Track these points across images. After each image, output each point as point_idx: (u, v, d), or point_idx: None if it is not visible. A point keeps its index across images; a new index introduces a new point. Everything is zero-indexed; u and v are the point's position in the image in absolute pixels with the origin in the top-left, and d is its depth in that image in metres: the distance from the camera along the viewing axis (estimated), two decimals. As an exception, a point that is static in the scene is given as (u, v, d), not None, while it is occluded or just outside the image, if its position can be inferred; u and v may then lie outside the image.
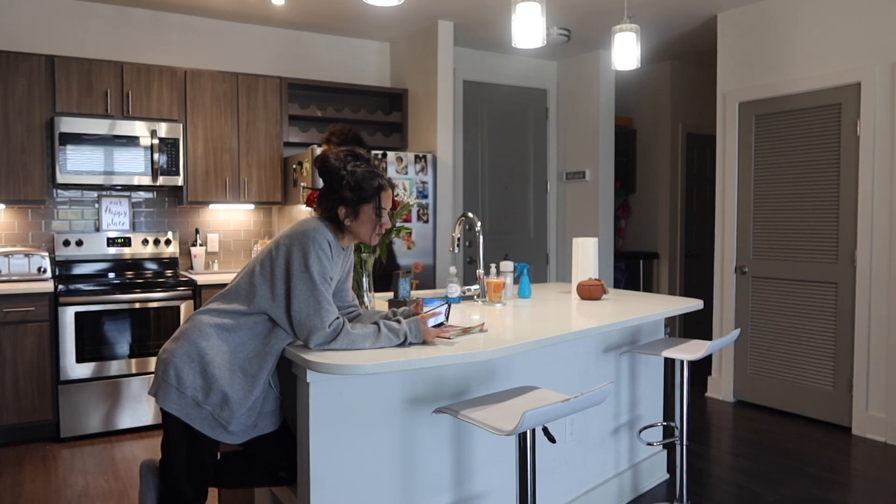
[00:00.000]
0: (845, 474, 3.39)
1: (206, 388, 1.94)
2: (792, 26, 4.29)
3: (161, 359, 2.00)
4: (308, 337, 1.91)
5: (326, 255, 1.96)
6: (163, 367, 1.97)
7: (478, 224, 3.22)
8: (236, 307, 1.98)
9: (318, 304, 1.90)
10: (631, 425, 3.14)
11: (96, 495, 3.13)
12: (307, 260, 1.92)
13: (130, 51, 4.58)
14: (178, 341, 1.98)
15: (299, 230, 1.98)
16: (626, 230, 6.62)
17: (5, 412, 3.74)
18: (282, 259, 1.96)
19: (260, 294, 1.97)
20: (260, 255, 2.03)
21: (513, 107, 5.95)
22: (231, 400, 1.94)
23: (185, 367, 1.94)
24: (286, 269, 1.95)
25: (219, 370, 1.94)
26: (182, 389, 1.94)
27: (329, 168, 2.07)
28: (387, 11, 4.67)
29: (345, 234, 2.10)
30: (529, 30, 2.86)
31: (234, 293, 2.02)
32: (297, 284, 1.92)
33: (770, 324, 4.48)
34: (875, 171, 3.89)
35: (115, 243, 4.44)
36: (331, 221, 2.08)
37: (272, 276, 1.96)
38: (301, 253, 1.93)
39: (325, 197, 2.08)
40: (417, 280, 4.59)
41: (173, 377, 1.94)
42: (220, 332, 1.97)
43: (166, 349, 2.00)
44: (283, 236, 2.00)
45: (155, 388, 1.99)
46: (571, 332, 2.31)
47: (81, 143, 4.04)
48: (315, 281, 1.92)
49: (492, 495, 2.43)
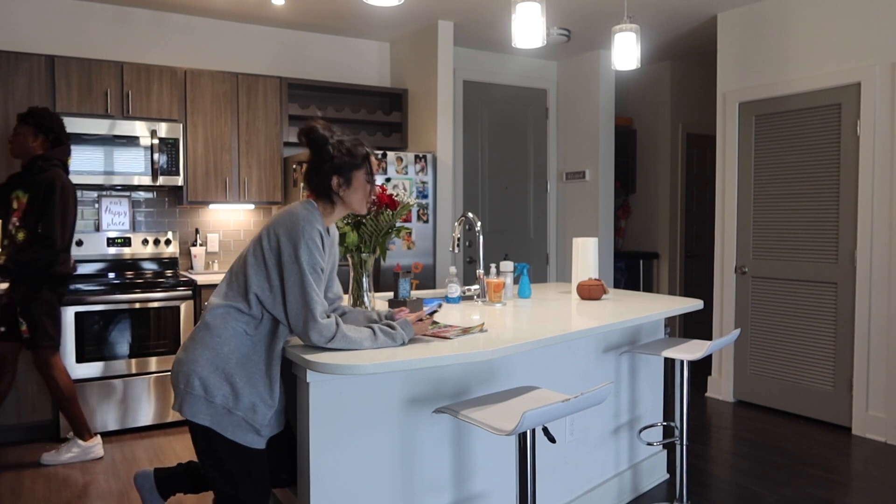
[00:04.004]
0: (845, 474, 3.39)
1: (234, 394, 1.89)
2: (792, 26, 4.29)
3: (181, 371, 1.92)
4: (304, 332, 1.88)
5: (318, 246, 1.92)
6: (185, 379, 1.90)
7: (478, 224, 3.22)
8: (241, 306, 1.93)
9: (310, 298, 1.86)
10: (631, 425, 3.14)
11: (96, 495, 3.13)
12: (297, 251, 1.88)
13: (130, 51, 4.58)
14: (196, 350, 1.92)
15: (289, 221, 1.92)
16: (626, 230, 6.62)
17: (5, 412, 3.74)
18: (272, 251, 1.91)
19: (256, 289, 1.92)
20: (251, 247, 1.97)
21: (513, 107, 5.95)
22: (259, 402, 1.91)
23: (209, 376, 1.89)
24: (278, 262, 1.90)
25: (244, 374, 1.90)
26: (211, 399, 1.88)
27: (319, 137, 2.03)
28: (387, 11, 4.67)
29: (335, 209, 2.05)
30: (529, 30, 2.86)
31: (234, 292, 1.96)
32: (289, 277, 1.88)
33: (770, 324, 4.48)
34: (875, 171, 3.89)
35: (115, 243, 4.44)
36: (323, 197, 2.03)
37: (266, 269, 1.92)
38: (292, 245, 1.88)
39: (317, 169, 2.03)
40: (417, 280, 4.59)
41: (199, 387, 1.89)
42: (236, 336, 1.92)
43: (183, 360, 1.93)
44: (273, 227, 1.94)
45: (179, 402, 1.92)
46: (571, 332, 2.31)
47: (81, 143, 4.04)
48: (306, 273, 1.87)
49: (492, 495, 2.42)
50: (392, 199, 2.48)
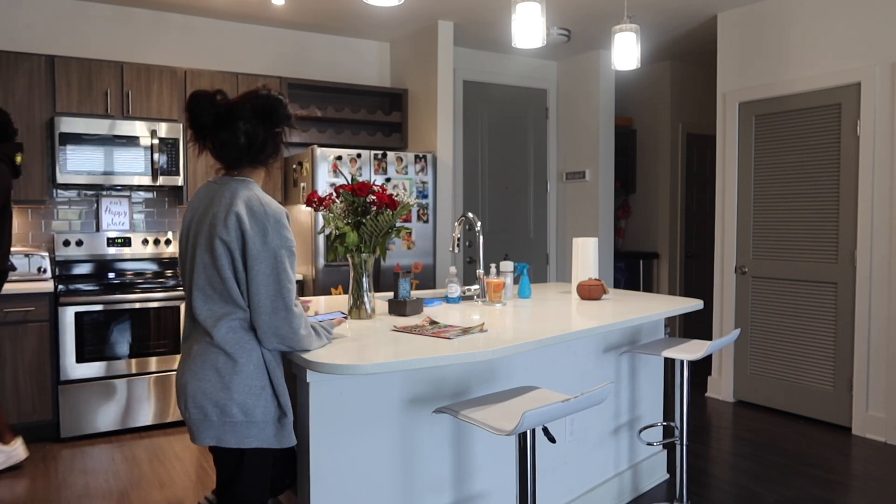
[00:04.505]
0: (845, 474, 3.39)
1: (267, 404, 1.77)
2: (792, 26, 4.29)
3: (211, 402, 1.73)
4: (279, 322, 1.77)
5: (288, 228, 1.81)
6: (219, 410, 1.73)
7: (478, 224, 3.22)
8: (240, 313, 1.79)
9: (283, 286, 1.76)
10: (631, 425, 3.14)
11: (96, 495, 3.13)
12: (267, 237, 1.75)
13: (130, 51, 4.58)
14: (217, 372, 1.74)
15: (260, 210, 1.77)
16: (626, 230, 6.62)
17: (5, 412, 3.73)
18: (237, 241, 1.76)
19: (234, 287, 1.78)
20: (206, 248, 1.78)
21: (513, 107, 5.95)
22: (286, 394, 1.82)
23: (248, 399, 1.74)
24: (242, 251, 1.75)
25: (272, 378, 1.80)
26: (252, 420, 1.74)
27: (274, 101, 1.85)
28: (387, 11, 4.67)
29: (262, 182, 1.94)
30: (529, 30, 2.86)
31: (220, 293, 1.78)
32: (260, 265, 1.75)
33: (770, 324, 4.48)
34: (875, 171, 3.89)
35: (115, 243, 4.44)
36: (259, 167, 1.91)
37: (232, 260, 1.77)
38: (262, 232, 1.75)
39: (273, 138, 1.87)
40: (417, 280, 4.59)
41: (238, 413, 1.73)
42: (254, 346, 1.78)
43: (206, 391, 1.73)
44: (234, 215, 1.75)
45: (216, 434, 1.74)
46: (571, 332, 2.31)
47: (81, 143, 4.04)
48: (281, 261, 1.76)
49: (492, 495, 2.43)
50: (392, 199, 2.48)
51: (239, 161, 1.87)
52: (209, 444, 1.77)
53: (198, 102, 1.82)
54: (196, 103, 1.82)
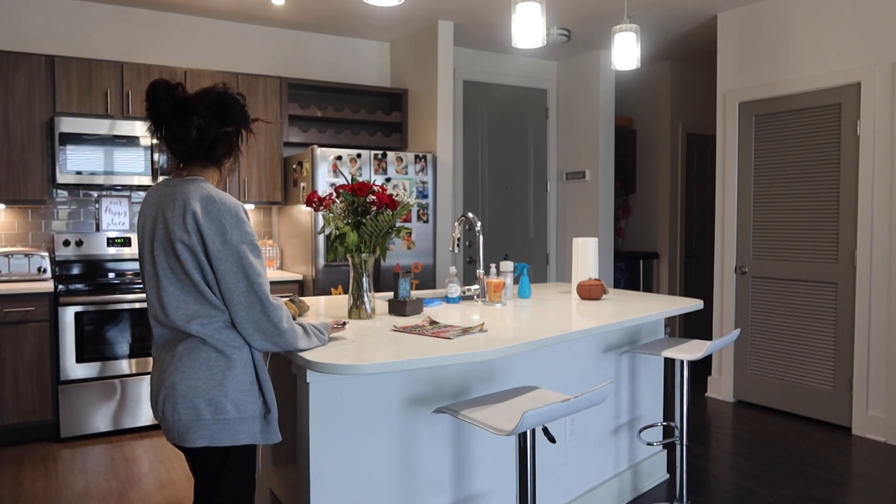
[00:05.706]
0: (845, 474, 3.39)
1: (255, 401, 1.76)
2: (792, 26, 4.29)
3: (199, 400, 1.70)
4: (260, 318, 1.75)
5: (247, 222, 1.77)
6: (213, 407, 1.70)
7: (478, 224, 3.23)
8: (209, 310, 1.75)
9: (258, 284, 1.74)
10: (631, 425, 3.14)
11: (96, 495, 3.13)
12: (226, 235, 1.71)
13: (130, 51, 4.58)
14: (205, 373, 1.71)
15: (214, 206, 1.71)
16: (626, 230, 6.62)
17: (5, 412, 3.74)
18: (199, 242, 1.71)
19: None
20: (170, 244, 1.72)
21: (513, 107, 5.95)
22: (271, 400, 1.81)
23: (240, 395, 1.72)
24: (205, 252, 1.71)
25: (260, 375, 1.79)
26: (244, 416, 1.73)
27: (229, 99, 1.81)
28: (387, 11, 4.67)
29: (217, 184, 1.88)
30: (529, 30, 2.86)
31: (194, 296, 1.75)
32: (225, 264, 1.71)
33: (770, 324, 4.48)
34: (875, 171, 3.89)
35: (115, 243, 4.44)
36: (217, 170, 1.86)
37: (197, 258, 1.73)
38: (220, 230, 1.71)
39: (227, 137, 1.81)
40: (417, 280, 4.59)
41: (232, 409, 1.71)
42: (242, 344, 1.77)
43: (199, 389, 1.70)
44: (191, 214, 1.69)
45: (209, 434, 1.71)
46: (571, 332, 2.31)
47: (81, 143, 4.04)
48: (245, 256, 1.73)
49: (492, 495, 2.43)
50: (392, 199, 2.48)
51: (189, 157, 1.81)
52: (201, 445, 1.73)
53: (157, 91, 1.78)
54: (155, 92, 1.78)
